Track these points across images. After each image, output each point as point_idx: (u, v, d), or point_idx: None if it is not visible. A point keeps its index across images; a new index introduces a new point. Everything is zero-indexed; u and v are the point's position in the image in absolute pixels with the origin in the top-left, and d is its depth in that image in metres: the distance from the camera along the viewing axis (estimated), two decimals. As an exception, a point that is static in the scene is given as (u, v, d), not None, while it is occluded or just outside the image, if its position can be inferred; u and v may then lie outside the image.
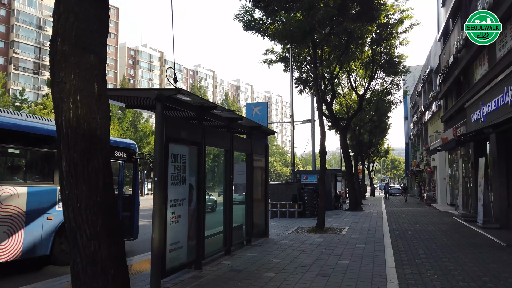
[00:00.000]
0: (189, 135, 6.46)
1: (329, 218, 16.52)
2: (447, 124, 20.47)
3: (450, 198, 21.46)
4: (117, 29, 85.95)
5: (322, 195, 12.75)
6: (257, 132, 10.08)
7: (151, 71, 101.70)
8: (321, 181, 12.88)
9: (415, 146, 44.80)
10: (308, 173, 22.78)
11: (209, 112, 7.03)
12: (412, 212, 19.30)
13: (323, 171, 12.95)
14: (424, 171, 35.97)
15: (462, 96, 15.63)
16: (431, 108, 28.60)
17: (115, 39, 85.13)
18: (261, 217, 10.45)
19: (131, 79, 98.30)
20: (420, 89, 36.25)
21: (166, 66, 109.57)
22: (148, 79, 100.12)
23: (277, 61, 22.47)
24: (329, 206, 21.45)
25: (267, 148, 10.78)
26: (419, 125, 37.84)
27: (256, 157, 10.03)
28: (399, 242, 9.55)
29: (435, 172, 27.98)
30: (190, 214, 6.45)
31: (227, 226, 8.07)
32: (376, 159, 60.56)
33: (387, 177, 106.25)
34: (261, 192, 10.55)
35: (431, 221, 14.19)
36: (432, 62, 29.60)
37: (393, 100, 30.57)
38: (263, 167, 10.69)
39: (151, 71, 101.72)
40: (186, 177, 6.26)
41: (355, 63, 22.71)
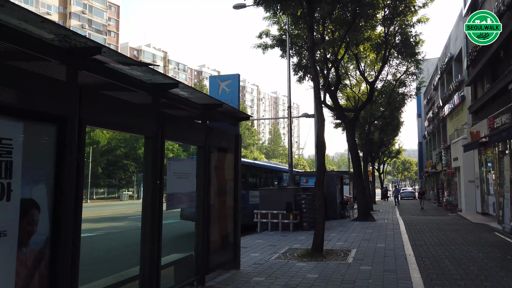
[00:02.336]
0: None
1: (333, 231, 13.10)
2: (477, 115, 16.96)
3: (480, 205, 17.86)
4: (118, 27, 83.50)
5: (320, 205, 9.35)
6: (218, 114, 6.76)
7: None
8: (319, 185, 9.50)
9: (431, 145, 41.02)
10: (310, 175, 19.36)
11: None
12: (435, 222, 15.78)
13: (321, 171, 9.59)
14: (442, 172, 32.26)
15: (504, 76, 12.14)
16: (452, 100, 24.99)
17: (115, 37, 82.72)
18: (227, 239, 7.12)
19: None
20: (436, 82, 32.58)
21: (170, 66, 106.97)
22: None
23: (273, 45, 19.18)
24: (334, 214, 18.03)
25: (238, 139, 7.44)
26: (436, 122, 34.14)
27: (217, 152, 6.72)
28: (437, 283, 6.13)
29: (457, 173, 24.34)
30: (28, 260, 3.14)
31: (148, 265, 4.73)
32: (387, 160, 56.86)
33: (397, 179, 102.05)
34: (229, 203, 7.22)
35: (468, 239, 10.67)
36: (452, 49, 25.99)
37: (408, 93, 27.06)
38: (232, 167, 7.35)
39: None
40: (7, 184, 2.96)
41: (364, 46, 19.29)
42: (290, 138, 18.78)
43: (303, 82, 18.84)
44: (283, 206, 13.86)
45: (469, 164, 19.86)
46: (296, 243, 10.67)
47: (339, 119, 17.05)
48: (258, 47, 18.90)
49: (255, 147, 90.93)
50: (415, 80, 26.67)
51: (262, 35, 18.99)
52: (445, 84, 29.10)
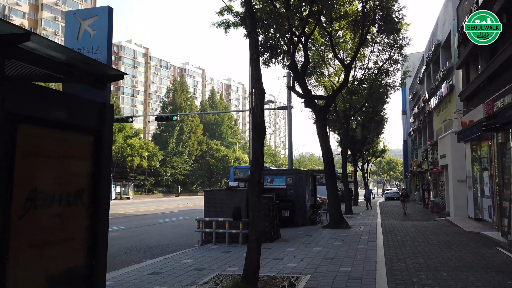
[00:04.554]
0: None
1: (292, 245, 10.28)
2: (469, 102, 14.40)
3: (472, 209, 15.28)
4: (94, 20, 79.36)
5: (254, 215, 6.44)
6: (42, 61, 3.82)
7: (135, 68, 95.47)
8: (253, 184, 6.58)
9: (416, 143, 38.71)
10: (275, 174, 16.53)
11: None
12: (421, 230, 13.10)
13: (257, 165, 6.70)
14: (428, 171, 29.86)
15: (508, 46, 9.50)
16: (439, 91, 22.50)
17: (92, 31, 78.53)
18: (72, 280, 4.17)
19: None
20: (422, 74, 30.18)
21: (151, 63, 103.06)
22: (132, 76, 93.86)
23: (237, 24, 16.32)
24: (303, 220, 15.26)
25: (104, 112, 4.52)
26: (422, 117, 31.75)
27: (40, 127, 3.78)
28: None
29: (444, 172, 21.85)
30: None
31: None
32: (372, 159, 54.55)
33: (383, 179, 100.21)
34: (79, 219, 4.27)
35: (466, 260, 7.83)
36: (440, 34, 23.53)
37: (391, 83, 24.48)
38: (89, 157, 4.40)
39: (135, 68, 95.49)
40: None
41: (339, 24, 16.56)
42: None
43: (270, 66, 15.99)
44: (232, 212, 10.99)
45: (459, 162, 17.31)
46: (235, 264, 7.83)
47: (308, 106, 14.23)
48: (218, 26, 16.01)
49: (238, 146, 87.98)
50: (399, 70, 24.18)
51: (223, 12, 16.12)
52: (431, 76, 26.68)
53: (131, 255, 10.35)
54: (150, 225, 18.01)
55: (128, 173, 56.91)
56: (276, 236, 11.59)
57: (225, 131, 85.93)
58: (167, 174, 64.15)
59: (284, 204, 15.33)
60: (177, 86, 78.50)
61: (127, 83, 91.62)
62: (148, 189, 62.15)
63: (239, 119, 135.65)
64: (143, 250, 11.24)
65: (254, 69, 6.45)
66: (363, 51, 22.75)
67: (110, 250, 11.88)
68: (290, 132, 22.30)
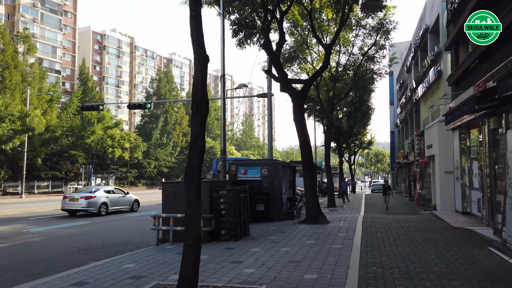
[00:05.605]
0: None
1: (259, 244, 9.02)
2: (458, 85, 13.23)
3: (460, 202, 14.22)
4: (75, 7, 76.67)
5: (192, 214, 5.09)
6: None
7: (120, 58, 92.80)
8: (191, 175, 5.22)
9: (403, 134, 37.80)
10: (249, 164, 15.22)
11: None
12: (404, 226, 11.99)
13: (196, 152, 5.31)
14: (414, 163, 28.94)
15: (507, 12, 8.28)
16: (427, 78, 21.40)
17: (72, 18, 76.04)
18: None
19: (97, 65, 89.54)
20: (410, 62, 29.09)
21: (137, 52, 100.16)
22: (116, 66, 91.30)
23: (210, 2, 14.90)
24: (278, 214, 14.05)
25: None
26: (409, 107, 30.75)
27: None
28: None
29: (431, 163, 20.85)
30: None
31: None
32: (359, 151, 53.70)
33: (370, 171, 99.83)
34: None
35: (454, 265, 6.51)
36: (428, 19, 22.37)
37: (377, 70, 23.30)
38: None
39: (120, 57, 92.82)
40: None
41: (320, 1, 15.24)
42: (224, 118, 14.61)
43: (245, 47, 14.63)
44: (192, 207, 9.67)
45: (446, 152, 16.25)
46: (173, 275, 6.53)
47: (284, 91, 12.92)
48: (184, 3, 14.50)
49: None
50: (385, 57, 23.02)
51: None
52: (419, 63, 25.59)
53: (79, 256, 9.03)
54: (118, 220, 16.64)
55: (109, 165, 55.10)
56: (244, 234, 10.35)
57: (212, 123, 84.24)
58: (151, 166, 62.47)
59: (258, 197, 14.10)
60: (161, 76, 76.44)
61: (112, 73, 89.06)
62: (131, 182, 60.43)
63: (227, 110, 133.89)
64: (95, 249, 9.92)
65: (194, 29, 5.11)
66: (347, 35, 21.52)
67: (57, 249, 10.51)
68: (270, 121, 21.03)
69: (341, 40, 21.58)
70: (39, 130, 38.07)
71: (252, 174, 14.58)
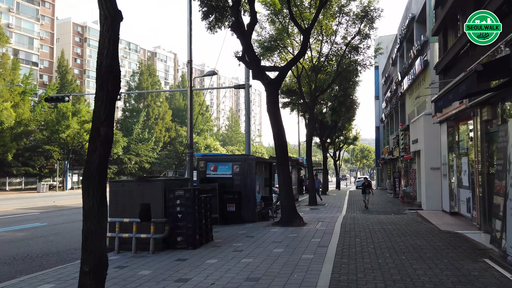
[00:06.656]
0: None
1: (218, 252, 7.68)
2: (447, 74, 12.09)
3: (448, 201, 13.15)
4: (53, -3, 73.72)
5: (92, 228, 3.73)
6: None
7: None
8: (91, 172, 3.87)
9: (388, 129, 36.94)
10: (219, 160, 13.87)
11: None
12: (386, 229, 10.83)
13: (98, 140, 3.96)
14: (399, 159, 28.03)
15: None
16: (412, 70, 20.35)
17: (51, 9, 73.20)
18: None
19: (78, 58, 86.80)
20: (395, 55, 28.08)
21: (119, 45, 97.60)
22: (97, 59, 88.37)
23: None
24: (251, 215, 12.77)
25: None
26: (394, 101, 29.80)
27: None
28: None
29: (416, 159, 19.86)
30: None
31: None
32: (344, 147, 52.83)
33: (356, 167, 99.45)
34: None
35: (445, 282, 5.18)
36: (414, 7, 21.29)
37: (362, 62, 22.13)
38: None
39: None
40: None
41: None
42: (191, 108, 13.22)
43: (216, 31, 13.24)
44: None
45: (433, 147, 15.21)
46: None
47: (256, 78, 11.59)
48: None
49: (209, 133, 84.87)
50: (370, 47, 21.93)
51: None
52: (404, 55, 24.55)
53: (8, 268, 7.63)
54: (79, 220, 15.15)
55: (87, 161, 52.98)
56: (205, 240, 9.03)
57: (196, 118, 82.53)
58: (132, 162, 60.55)
59: (229, 196, 12.79)
60: (143, 69, 74.18)
61: (93, 66, 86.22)
62: (110, 178, 58.48)
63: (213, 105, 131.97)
64: (34, 258, 8.51)
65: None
66: (329, 23, 20.31)
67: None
68: (248, 113, 19.72)
69: (324, 29, 20.37)
70: (8, 124, 35.96)
71: (222, 171, 13.27)
